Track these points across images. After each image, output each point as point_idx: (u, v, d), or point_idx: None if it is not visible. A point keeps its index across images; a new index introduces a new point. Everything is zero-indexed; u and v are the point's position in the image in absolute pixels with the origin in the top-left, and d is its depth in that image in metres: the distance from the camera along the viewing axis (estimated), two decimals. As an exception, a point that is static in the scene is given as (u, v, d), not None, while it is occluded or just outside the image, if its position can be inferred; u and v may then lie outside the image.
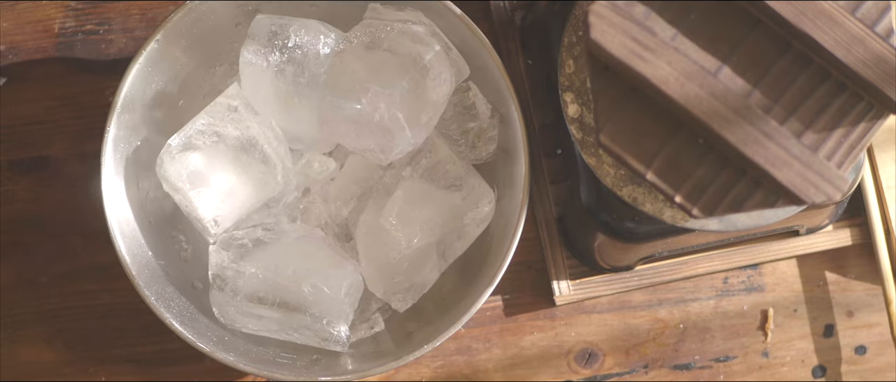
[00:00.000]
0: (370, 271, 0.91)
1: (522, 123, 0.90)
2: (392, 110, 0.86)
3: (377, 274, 0.91)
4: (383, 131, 0.87)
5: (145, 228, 0.92)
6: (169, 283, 0.91)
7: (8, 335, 0.99)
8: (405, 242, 0.89)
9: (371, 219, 0.90)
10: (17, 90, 1.00)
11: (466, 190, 0.90)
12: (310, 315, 0.88)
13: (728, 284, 1.02)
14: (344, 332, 0.89)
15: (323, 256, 0.90)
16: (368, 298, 0.93)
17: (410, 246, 0.89)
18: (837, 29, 0.77)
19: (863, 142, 0.78)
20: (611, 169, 0.85)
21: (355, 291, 0.90)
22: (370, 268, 0.91)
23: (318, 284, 0.88)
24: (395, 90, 0.86)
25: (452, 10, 0.90)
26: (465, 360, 1.00)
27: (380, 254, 0.90)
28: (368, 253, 0.91)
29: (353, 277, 0.90)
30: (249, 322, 0.90)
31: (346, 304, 0.89)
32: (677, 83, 0.77)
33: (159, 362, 1.00)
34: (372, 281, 0.91)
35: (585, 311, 1.01)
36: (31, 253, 1.00)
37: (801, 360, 1.02)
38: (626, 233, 0.90)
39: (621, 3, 0.77)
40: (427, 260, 0.90)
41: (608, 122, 0.79)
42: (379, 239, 0.90)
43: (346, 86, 0.87)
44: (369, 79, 0.87)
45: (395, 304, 0.92)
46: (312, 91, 0.89)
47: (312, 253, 0.90)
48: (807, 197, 0.77)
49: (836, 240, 1.01)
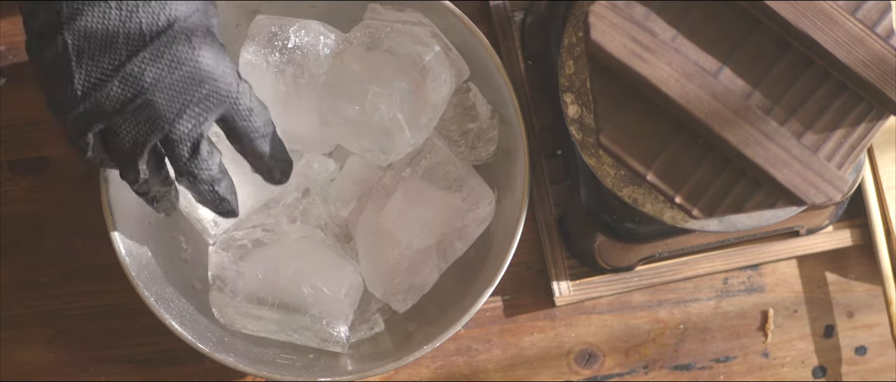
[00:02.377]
0: (370, 272, 0.91)
1: (522, 124, 0.90)
2: (392, 111, 0.86)
3: (377, 275, 0.91)
4: (383, 132, 0.87)
5: (145, 228, 0.92)
6: (169, 283, 0.91)
7: (8, 335, 0.99)
8: (405, 243, 0.89)
9: (371, 220, 0.90)
10: (17, 90, 1.00)
11: (466, 190, 0.90)
12: (310, 315, 0.88)
13: (728, 285, 1.02)
14: (344, 333, 0.89)
15: (323, 257, 0.90)
16: (368, 299, 0.93)
17: (410, 246, 0.89)
18: (837, 29, 0.77)
19: (863, 143, 0.78)
20: (611, 169, 0.85)
21: (355, 292, 0.90)
22: (370, 269, 0.91)
23: (318, 285, 0.88)
24: (395, 91, 0.86)
25: (452, 10, 0.90)
26: (465, 360, 1.00)
27: (379, 255, 0.90)
28: (368, 253, 0.91)
29: (353, 278, 0.90)
30: (249, 322, 0.89)
31: (346, 305, 0.89)
32: (677, 84, 0.77)
33: (159, 362, 1.00)
34: (372, 282, 0.91)
35: (585, 312, 1.01)
36: (31, 253, 1.00)
37: (802, 361, 1.02)
38: (627, 234, 0.90)
39: (621, 3, 0.77)
40: (427, 260, 0.90)
41: (608, 123, 0.79)
42: (379, 239, 0.90)
43: (345, 86, 0.87)
44: (369, 80, 0.87)
45: (394, 305, 0.92)
46: (312, 91, 0.89)
47: (312, 255, 0.90)
48: (807, 198, 0.77)
49: (837, 241, 1.01)
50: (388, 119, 0.86)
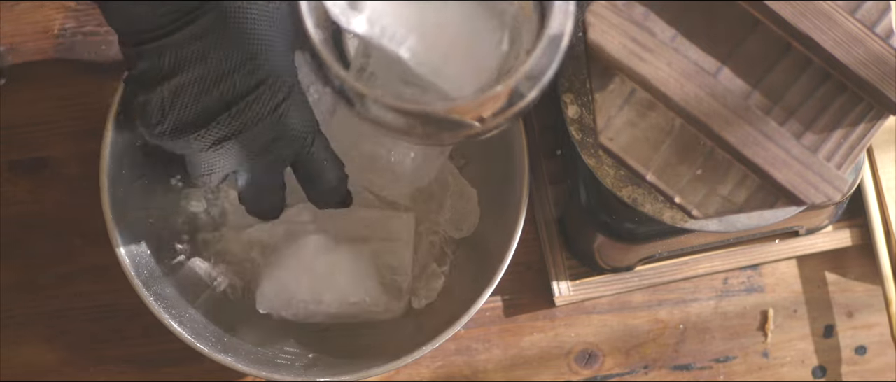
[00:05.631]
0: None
1: (522, 124, 0.89)
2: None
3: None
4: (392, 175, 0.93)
5: (145, 228, 0.92)
6: (169, 283, 0.91)
7: (8, 335, 0.99)
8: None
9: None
10: (17, 90, 1.00)
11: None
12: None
13: (728, 285, 1.02)
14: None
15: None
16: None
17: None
18: (837, 29, 0.77)
19: (862, 143, 0.78)
20: (611, 169, 0.85)
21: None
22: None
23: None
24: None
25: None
26: (465, 360, 1.00)
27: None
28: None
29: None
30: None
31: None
32: (677, 84, 0.77)
33: (159, 362, 1.00)
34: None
35: (585, 312, 1.01)
36: (31, 253, 1.00)
37: (802, 361, 1.02)
38: (626, 234, 0.90)
39: (621, 3, 0.77)
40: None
41: (608, 123, 0.79)
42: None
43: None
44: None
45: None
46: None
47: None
48: (806, 198, 0.77)
49: (836, 241, 1.01)
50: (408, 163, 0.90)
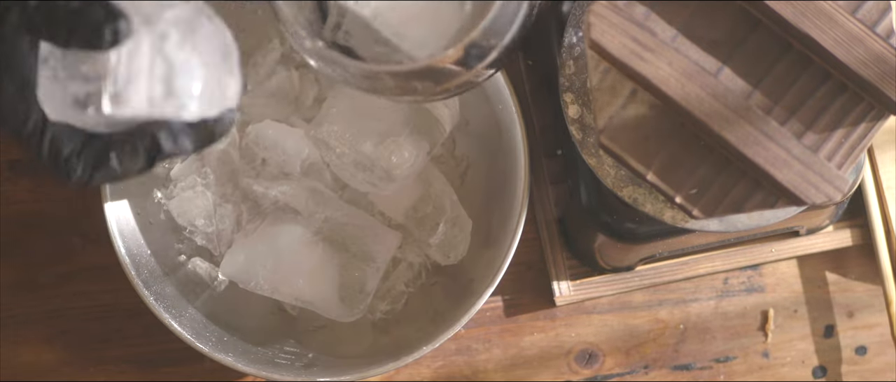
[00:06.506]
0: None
1: (522, 124, 0.89)
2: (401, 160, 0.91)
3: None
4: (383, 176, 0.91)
5: (145, 228, 0.92)
6: (169, 283, 0.91)
7: (8, 335, 0.99)
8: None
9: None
10: (17, 90, 1.00)
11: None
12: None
13: (728, 285, 1.02)
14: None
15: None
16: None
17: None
18: (837, 29, 0.77)
19: (863, 143, 0.78)
20: (611, 169, 0.84)
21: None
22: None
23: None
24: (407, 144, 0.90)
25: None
26: (465, 360, 1.00)
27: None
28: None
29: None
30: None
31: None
32: (678, 83, 0.77)
33: (159, 362, 1.00)
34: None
35: (586, 312, 1.01)
36: (31, 253, 1.00)
37: (802, 361, 1.02)
38: (627, 234, 0.90)
39: (621, 3, 0.77)
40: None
41: (608, 123, 0.78)
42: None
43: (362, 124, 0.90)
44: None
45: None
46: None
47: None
48: (807, 198, 0.77)
49: (837, 241, 1.01)
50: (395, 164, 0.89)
